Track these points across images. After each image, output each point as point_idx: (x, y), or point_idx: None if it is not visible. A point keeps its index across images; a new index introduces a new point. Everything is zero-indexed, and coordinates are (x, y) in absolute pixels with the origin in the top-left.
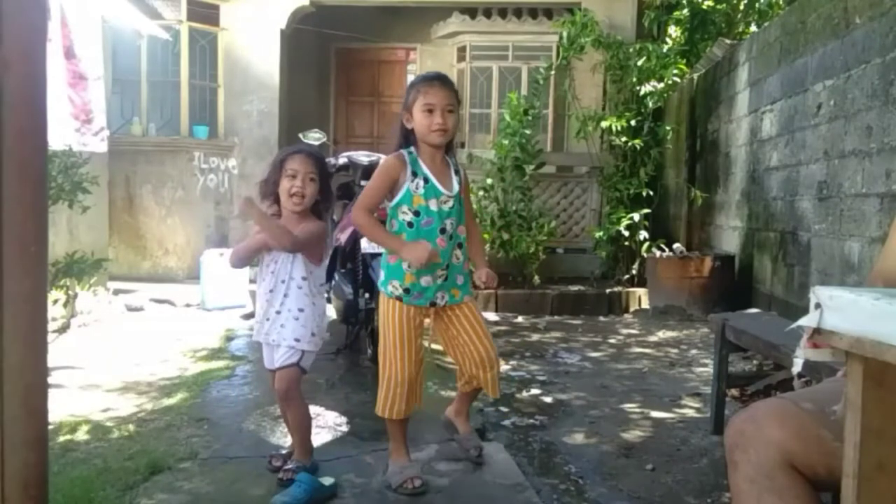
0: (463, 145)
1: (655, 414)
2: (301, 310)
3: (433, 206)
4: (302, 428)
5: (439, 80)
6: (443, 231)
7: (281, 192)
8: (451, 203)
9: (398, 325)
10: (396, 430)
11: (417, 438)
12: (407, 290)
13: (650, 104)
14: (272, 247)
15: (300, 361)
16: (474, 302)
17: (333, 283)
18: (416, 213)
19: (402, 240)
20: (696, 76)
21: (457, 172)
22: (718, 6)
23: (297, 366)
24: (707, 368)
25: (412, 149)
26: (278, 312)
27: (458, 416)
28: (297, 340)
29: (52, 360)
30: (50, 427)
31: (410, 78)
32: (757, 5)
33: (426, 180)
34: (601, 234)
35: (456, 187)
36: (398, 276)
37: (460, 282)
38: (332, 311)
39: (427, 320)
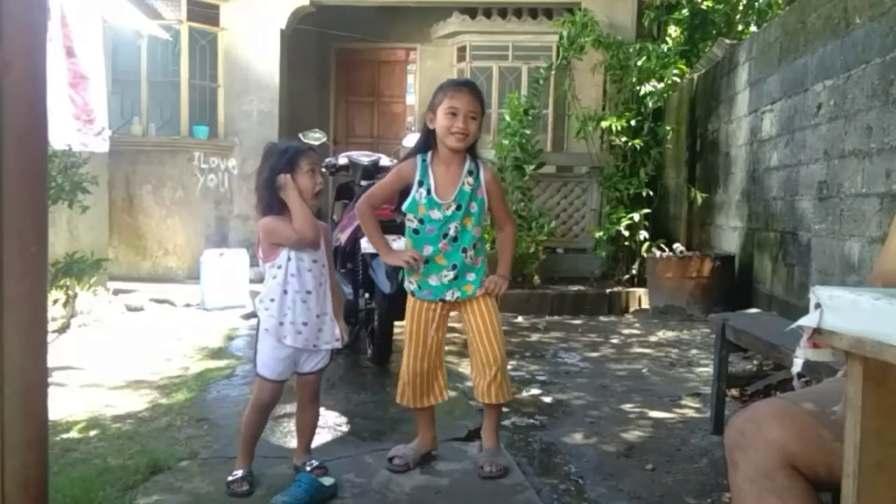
0: None
1: (655, 414)
2: (330, 310)
3: (435, 214)
4: (315, 426)
5: (468, 86)
6: (445, 236)
7: (303, 190)
8: (453, 208)
9: (410, 320)
10: (417, 416)
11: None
12: (419, 286)
13: (650, 104)
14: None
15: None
16: (491, 298)
17: None
18: (421, 222)
19: (387, 245)
20: (696, 76)
21: (471, 174)
22: (718, 6)
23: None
24: (707, 368)
25: (427, 155)
26: (318, 316)
27: (483, 431)
28: (337, 340)
29: (52, 360)
30: (50, 427)
31: (410, 78)
32: (757, 5)
33: (429, 191)
34: (601, 234)
35: (461, 191)
36: (410, 273)
37: (471, 278)
38: None
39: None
